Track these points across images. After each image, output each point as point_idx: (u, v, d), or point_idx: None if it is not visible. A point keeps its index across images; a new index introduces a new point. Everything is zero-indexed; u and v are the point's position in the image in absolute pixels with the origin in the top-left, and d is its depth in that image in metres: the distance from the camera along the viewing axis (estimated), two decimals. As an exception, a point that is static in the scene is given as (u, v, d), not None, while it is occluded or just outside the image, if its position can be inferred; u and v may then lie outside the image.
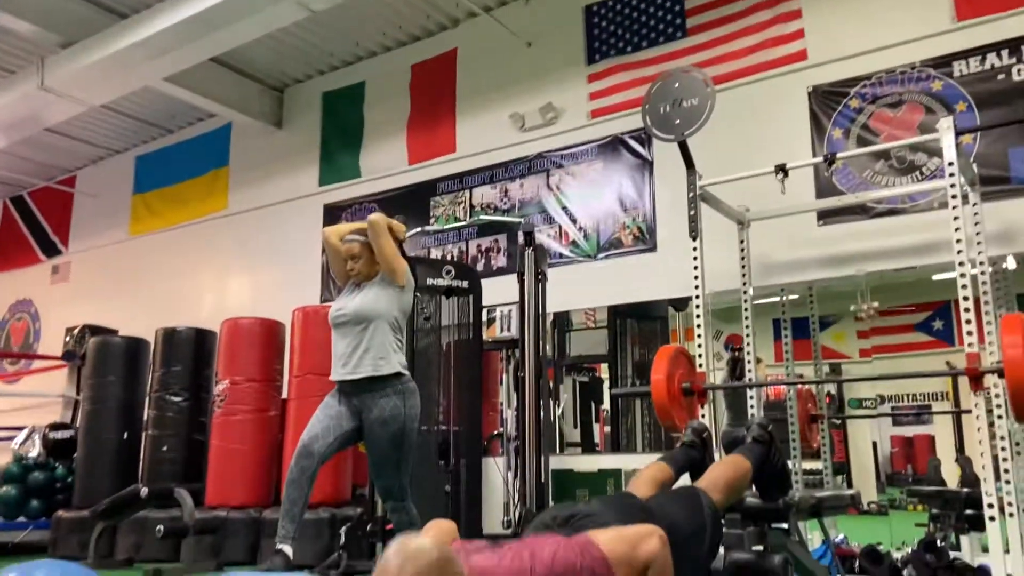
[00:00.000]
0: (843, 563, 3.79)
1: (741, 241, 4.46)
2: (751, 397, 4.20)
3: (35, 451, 6.74)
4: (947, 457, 4.67)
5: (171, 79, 6.69)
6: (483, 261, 6.14)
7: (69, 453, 6.53)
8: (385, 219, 3.68)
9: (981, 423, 3.12)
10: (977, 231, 3.74)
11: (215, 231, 7.98)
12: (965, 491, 3.82)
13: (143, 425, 6.04)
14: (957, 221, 3.30)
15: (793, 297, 4.83)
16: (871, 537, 4.19)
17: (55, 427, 6.90)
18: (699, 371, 3.80)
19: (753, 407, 4.17)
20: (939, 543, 3.75)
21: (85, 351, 6.76)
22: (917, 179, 4.53)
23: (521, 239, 4.74)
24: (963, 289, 3.21)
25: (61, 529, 5.68)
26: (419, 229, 6.19)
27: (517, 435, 4.89)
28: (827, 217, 4.73)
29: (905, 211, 4.53)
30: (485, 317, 5.59)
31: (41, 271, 9.63)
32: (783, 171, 3.86)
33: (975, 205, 3.82)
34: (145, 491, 4.87)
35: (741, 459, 2.64)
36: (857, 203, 4.58)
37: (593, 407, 6.11)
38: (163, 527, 4.72)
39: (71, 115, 7.22)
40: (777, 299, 4.80)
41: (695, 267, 3.91)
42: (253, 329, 5.71)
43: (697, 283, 3.89)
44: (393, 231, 3.69)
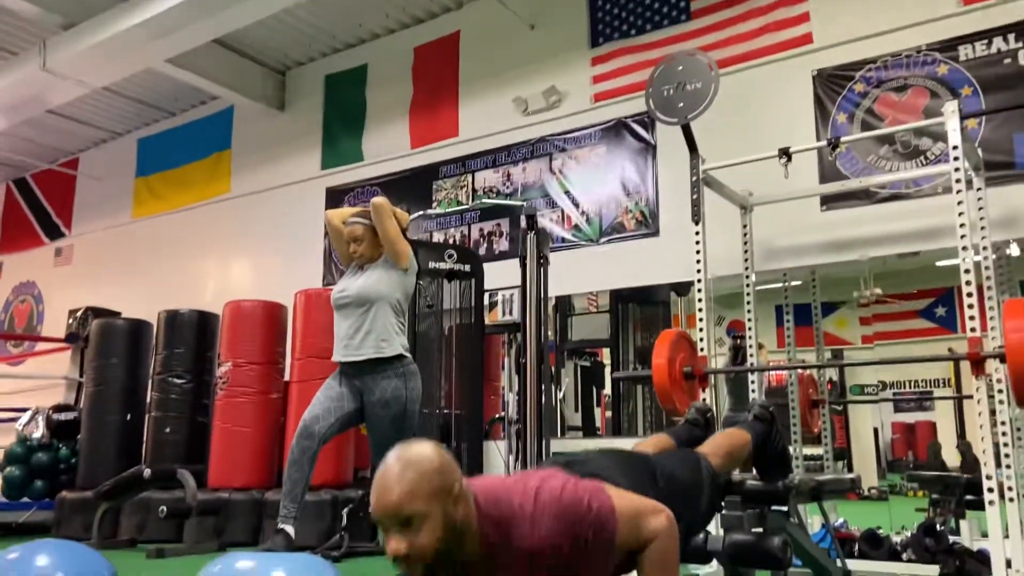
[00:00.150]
0: (842, 546, 3.80)
1: (744, 226, 4.44)
2: (752, 382, 4.20)
3: (39, 432, 6.75)
4: (948, 444, 4.68)
5: (173, 61, 6.67)
6: (485, 245, 6.14)
7: (72, 434, 6.56)
8: (389, 204, 3.69)
9: (982, 408, 3.11)
10: (981, 216, 3.72)
11: (217, 214, 7.97)
12: (965, 476, 3.83)
13: (146, 407, 6.07)
14: (961, 206, 3.27)
15: (796, 283, 4.81)
16: (871, 521, 4.19)
17: (59, 408, 6.92)
18: (700, 355, 3.81)
19: (755, 392, 4.18)
20: (939, 527, 3.76)
21: (88, 333, 6.78)
22: (921, 164, 4.50)
23: (523, 223, 4.72)
24: (966, 274, 3.19)
25: (65, 510, 5.72)
26: (421, 213, 6.18)
27: (518, 419, 4.90)
28: (830, 202, 4.71)
29: (909, 196, 4.51)
30: (487, 301, 5.60)
31: (44, 253, 9.64)
32: (787, 155, 3.82)
33: (979, 190, 3.80)
34: (148, 472, 4.89)
35: (741, 431, 2.64)
36: (861, 188, 4.54)
37: (595, 391, 6.12)
38: (166, 508, 4.76)
39: (73, 97, 7.19)
40: (780, 285, 4.79)
41: (697, 252, 3.90)
42: (255, 312, 5.72)
43: (699, 267, 3.88)
44: (397, 217, 3.69)
